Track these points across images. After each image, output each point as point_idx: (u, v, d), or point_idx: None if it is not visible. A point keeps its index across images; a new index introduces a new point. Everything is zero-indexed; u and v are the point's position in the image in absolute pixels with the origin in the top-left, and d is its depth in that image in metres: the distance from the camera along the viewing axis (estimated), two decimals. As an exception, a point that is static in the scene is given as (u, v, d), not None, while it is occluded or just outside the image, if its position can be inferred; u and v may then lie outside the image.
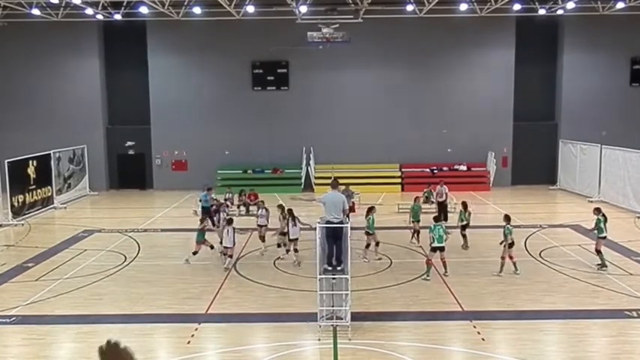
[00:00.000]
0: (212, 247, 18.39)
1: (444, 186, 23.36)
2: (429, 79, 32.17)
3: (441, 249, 16.29)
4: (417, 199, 21.19)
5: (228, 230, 17.52)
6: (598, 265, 17.11)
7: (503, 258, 16.53)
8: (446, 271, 16.50)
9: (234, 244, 17.72)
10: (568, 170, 31.36)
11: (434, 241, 16.17)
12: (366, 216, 18.21)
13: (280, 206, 18.86)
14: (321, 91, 32.20)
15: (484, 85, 32.09)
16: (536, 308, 14.21)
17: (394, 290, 15.54)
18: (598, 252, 17.13)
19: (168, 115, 32.20)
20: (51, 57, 31.70)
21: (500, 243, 16.83)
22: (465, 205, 19.57)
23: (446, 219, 20.74)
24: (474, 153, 32.21)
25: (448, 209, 25.43)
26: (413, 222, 20.14)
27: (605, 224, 17.16)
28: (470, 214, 19.51)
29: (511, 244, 16.55)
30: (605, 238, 17.30)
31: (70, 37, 31.31)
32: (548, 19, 31.04)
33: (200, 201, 21.98)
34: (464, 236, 19.34)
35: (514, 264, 16.56)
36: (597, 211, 17.46)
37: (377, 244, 18.25)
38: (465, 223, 19.33)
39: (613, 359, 11.67)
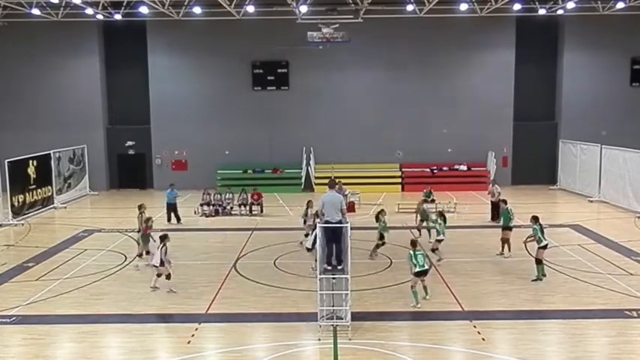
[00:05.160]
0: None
1: (496, 185, 23.93)
2: (429, 79, 32.14)
3: (425, 273, 14.59)
4: (382, 211, 19.25)
5: (160, 246, 15.59)
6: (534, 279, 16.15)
7: (538, 261, 16.16)
8: (427, 294, 14.75)
9: (161, 263, 15.52)
10: (568, 170, 31.35)
11: (416, 266, 14.34)
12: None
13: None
14: (321, 91, 32.19)
15: (484, 85, 32.06)
16: (536, 308, 14.22)
17: (394, 290, 15.54)
18: (538, 262, 16.19)
19: (169, 115, 32.21)
20: (51, 57, 31.70)
21: (524, 242, 16.74)
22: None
23: (498, 217, 20.69)
24: (474, 153, 32.20)
25: (448, 209, 25.47)
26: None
27: (542, 234, 16.12)
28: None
29: (544, 246, 16.06)
30: (545, 247, 16.22)
31: (70, 37, 31.32)
32: (549, 19, 31.05)
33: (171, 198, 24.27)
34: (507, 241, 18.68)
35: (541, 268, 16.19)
36: (534, 219, 16.46)
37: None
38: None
39: (613, 359, 11.67)
